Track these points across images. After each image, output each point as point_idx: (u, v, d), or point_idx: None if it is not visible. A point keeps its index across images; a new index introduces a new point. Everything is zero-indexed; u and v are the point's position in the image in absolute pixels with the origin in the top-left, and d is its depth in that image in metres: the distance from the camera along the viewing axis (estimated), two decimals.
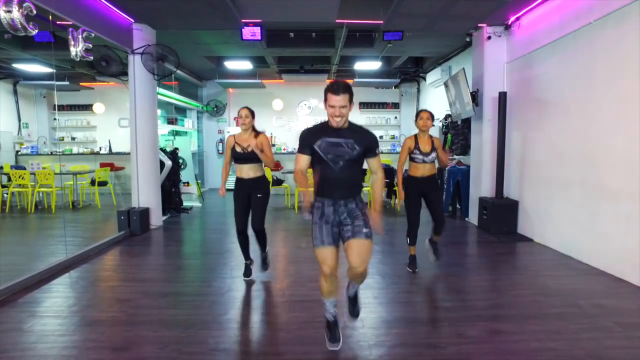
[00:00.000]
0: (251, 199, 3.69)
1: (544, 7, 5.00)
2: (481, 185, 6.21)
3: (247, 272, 3.89)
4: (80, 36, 4.40)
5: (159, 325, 2.91)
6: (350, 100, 2.35)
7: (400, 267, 4.20)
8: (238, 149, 3.62)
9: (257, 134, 3.70)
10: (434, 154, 3.88)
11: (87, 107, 10.82)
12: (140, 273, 4.22)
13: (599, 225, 4.10)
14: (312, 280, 3.88)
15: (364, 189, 7.68)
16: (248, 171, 3.66)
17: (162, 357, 2.49)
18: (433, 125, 3.97)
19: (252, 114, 3.69)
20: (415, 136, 3.91)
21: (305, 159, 2.42)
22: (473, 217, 6.43)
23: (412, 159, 3.90)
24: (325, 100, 2.35)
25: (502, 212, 5.68)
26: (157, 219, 6.17)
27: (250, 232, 3.79)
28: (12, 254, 4.93)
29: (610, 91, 3.94)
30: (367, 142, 2.42)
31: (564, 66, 4.64)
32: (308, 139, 2.41)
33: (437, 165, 3.99)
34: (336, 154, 2.36)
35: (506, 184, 5.85)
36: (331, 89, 2.31)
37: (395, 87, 11.14)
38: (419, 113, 3.93)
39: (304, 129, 2.49)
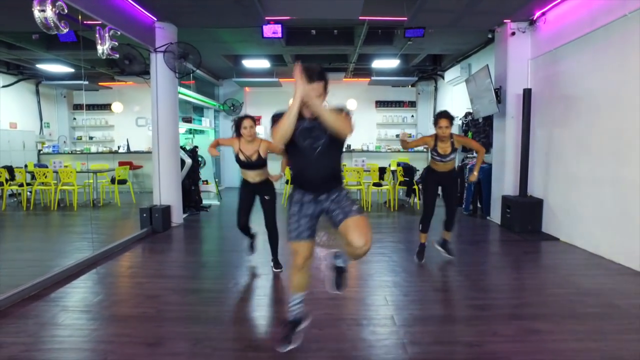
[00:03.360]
0: (260, 199, 3.86)
1: (573, 1, 4.89)
2: (504, 184, 6.11)
3: (252, 248, 4.15)
4: (107, 34, 4.45)
5: (190, 322, 2.91)
6: (325, 88, 2.18)
7: (426, 264, 4.15)
8: (242, 157, 3.70)
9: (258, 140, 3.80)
10: (453, 155, 3.89)
11: (106, 107, 10.96)
12: (165, 270, 4.24)
13: (632, 224, 3.99)
14: None
15: (383, 187, 7.66)
16: (254, 176, 3.79)
17: (197, 353, 2.48)
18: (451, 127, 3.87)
19: (254, 121, 3.72)
20: (435, 137, 3.87)
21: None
22: (495, 215, 6.33)
23: (432, 156, 3.94)
24: None
25: (526, 211, 5.58)
26: (178, 216, 6.21)
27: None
28: (40, 250, 5.02)
29: None
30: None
31: (595, 61, 4.53)
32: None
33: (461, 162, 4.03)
34: (313, 138, 2.20)
35: (530, 182, 5.74)
36: (306, 76, 2.09)
37: (412, 86, 11.05)
38: (437, 120, 3.80)
39: (275, 113, 2.27)
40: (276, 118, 2.23)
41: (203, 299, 3.37)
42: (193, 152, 7.27)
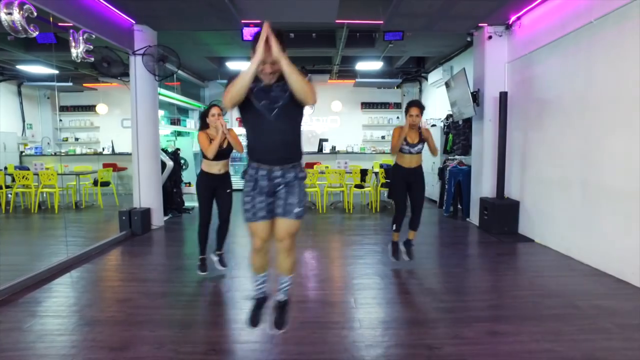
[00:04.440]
0: (217, 193, 3.90)
1: (545, 6, 4.98)
2: (482, 186, 6.18)
3: (203, 267, 4.01)
4: (80, 38, 4.43)
5: (157, 325, 2.92)
6: (284, 50, 2.01)
7: (399, 267, 4.19)
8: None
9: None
10: (420, 146, 3.91)
11: (91, 108, 10.90)
12: (140, 273, 4.24)
13: (599, 226, 4.08)
14: (309, 280, 3.89)
15: (365, 189, 7.72)
16: (220, 167, 3.85)
17: (159, 357, 2.50)
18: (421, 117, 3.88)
19: (222, 110, 3.77)
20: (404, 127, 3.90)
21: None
22: (474, 217, 6.41)
23: (400, 148, 3.90)
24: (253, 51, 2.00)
25: (503, 213, 5.66)
26: (158, 219, 6.20)
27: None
28: (14, 254, 4.98)
29: (610, 91, 3.92)
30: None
31: (565, 66, 4.62)
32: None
33: (425, 156, 4.04)
34: (270, 100, 2.08)
35: (507, 184, 5.82)
36: (256, 40, 1.99)
37: (397, 87, 11.13)
38: (408, 108, 3.85)
39: (231, 75, 2.13)
40: (232, 78, 2.08)
41: (173, 303, 3.38)
42: (175, 155, 7.26)
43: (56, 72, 8.50)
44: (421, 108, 3.84)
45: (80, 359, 2.50)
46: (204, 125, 3.85)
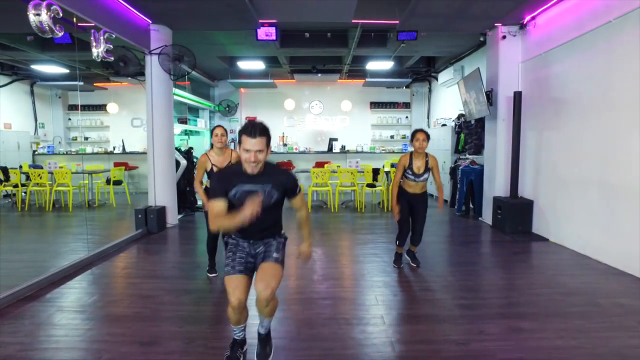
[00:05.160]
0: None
1: (561, 6, 4.99)
2: (495, 185, 6.20)
3: (212, 270, 4.05)
4: (101, 37, 4.49)
5: (184, 321, 2.97)
6: (268, 144, 2.12)
7: (416, 266, 4.22)
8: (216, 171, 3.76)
9: (229, 150, 3.88)
10: (426, 175, 3.94)
11: (101, 107, 10.98)
12: (160, 270, 4.29)
13: (618, 225, 4.09)
14: (328, 278, 3.92)
15: (376, 188, 7.75)
16: None
17: (190, 352, 2.55)
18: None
19: (226, 131, 3.83)
20: (411, 155, 3.92)
21: (220, 205, 2.15)
22: (487, 216, 6.42)
23: (405, 176, 3.97)
24: (240, 142, 2.10)
25: (516, 212, 5.67)
26: (173, 217, 6.25)
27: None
28: (35, 251, 5.05)
29: (629, 90, 3.92)
30: (285, 184, 2.25)
31: (582, 65, 4.63)
32: (221, 185, 2.19)
33: (428, 185, 4.10)
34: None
35: (521, 184, 5.83)
36: (246, 131, 2.05)
37: (406, 87, 11.14)
38: (414, 133, 3.88)
39: (215, 175, 2.20)
40: (217, 182, 2.26)
41: (196, 299, 3.43)
42: (188, 153, 7.31)
43: (69, 71, 8.57)
44: (427, 134, 3.87)
45: (112, 352, 2.55)
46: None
